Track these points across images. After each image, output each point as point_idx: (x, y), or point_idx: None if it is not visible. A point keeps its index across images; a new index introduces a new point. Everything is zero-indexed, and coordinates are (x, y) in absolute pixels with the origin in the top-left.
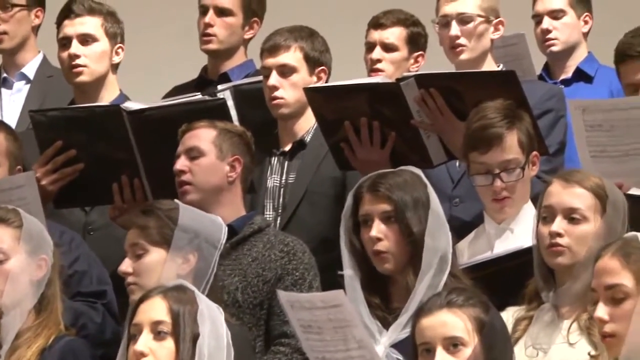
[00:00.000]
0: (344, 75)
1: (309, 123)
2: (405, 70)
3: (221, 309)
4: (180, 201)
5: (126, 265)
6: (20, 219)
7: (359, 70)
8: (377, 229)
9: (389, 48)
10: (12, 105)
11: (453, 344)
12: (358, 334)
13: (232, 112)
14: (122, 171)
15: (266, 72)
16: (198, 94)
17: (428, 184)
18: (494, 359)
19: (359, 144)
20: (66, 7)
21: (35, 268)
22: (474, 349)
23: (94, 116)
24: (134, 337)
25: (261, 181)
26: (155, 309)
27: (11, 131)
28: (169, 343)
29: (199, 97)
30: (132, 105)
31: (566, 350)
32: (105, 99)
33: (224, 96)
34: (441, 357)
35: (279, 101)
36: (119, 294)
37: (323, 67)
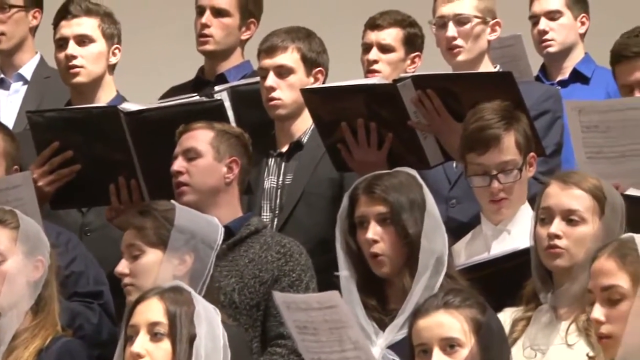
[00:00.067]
0: (341, 76)
1: (306, 124)
2: (402, 71)
3: (218, 310)
4: (177, 202)
5: (123, 266)
6: (17, 220)
7: (356, 71)
8: (373, 230)
9: (385, 49)
10: (9, 106)
11: (450, 345)
12: (354, 335)
13: (229, 113)
14: (119, 172)
15: (263, 73)
16: (195, 95)
17: (424, 185)
18: (491, 359)
19: (356, 145)
20: (63, 8)
21: (32, 269)
22: (471, 350)
23: (91, 117)
24: (130, 339)
25: (258, 182)
26: (151, 310)
27: (8, 131)
28: (165, 344)
29: (197, 98)
30: (129, 106)
31: (564, 351)
32: (102, 100)
33: (221, 97)
34: (438, 358)
35: (276, 102)
36: (116, 295)
37: (320, 68)
